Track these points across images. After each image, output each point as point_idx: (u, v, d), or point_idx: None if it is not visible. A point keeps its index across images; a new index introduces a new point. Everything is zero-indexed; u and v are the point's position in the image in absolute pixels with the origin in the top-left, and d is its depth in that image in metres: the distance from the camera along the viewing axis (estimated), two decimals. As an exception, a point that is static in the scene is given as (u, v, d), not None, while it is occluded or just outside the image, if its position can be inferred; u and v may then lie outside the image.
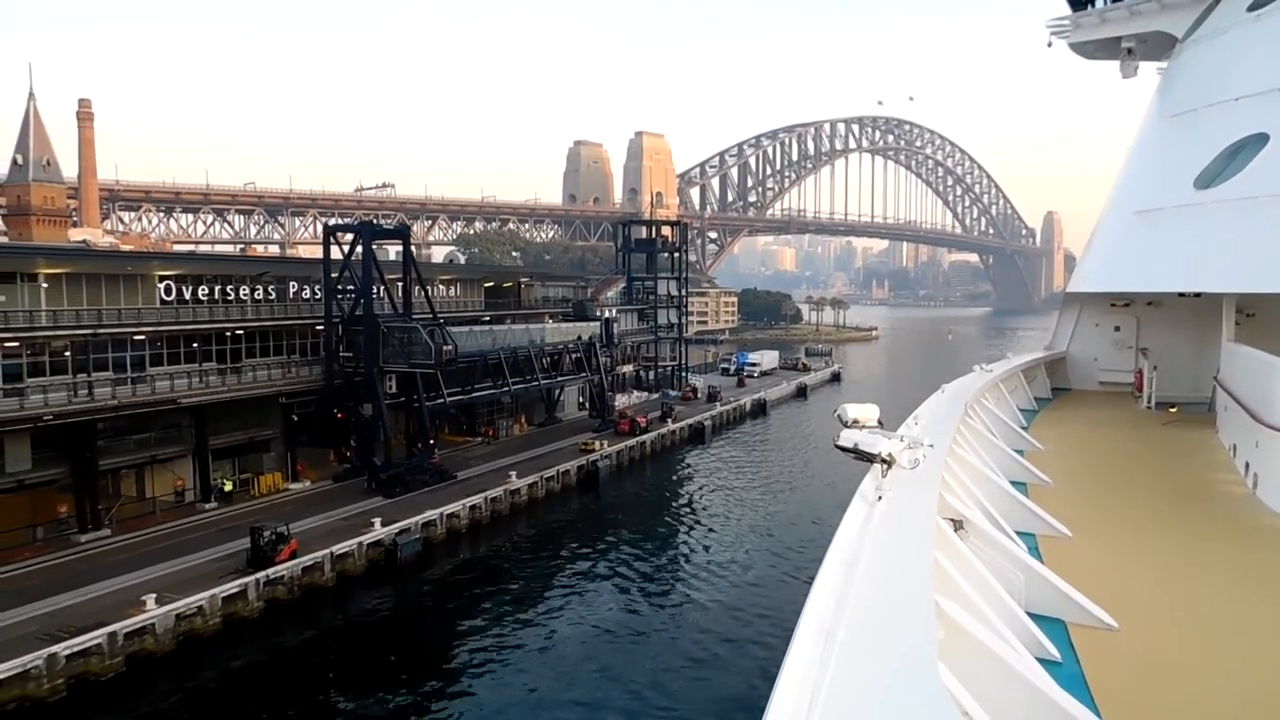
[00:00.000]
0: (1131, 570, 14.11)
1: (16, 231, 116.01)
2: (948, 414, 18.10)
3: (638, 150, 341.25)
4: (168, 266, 60.38)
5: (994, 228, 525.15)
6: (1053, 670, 8.97)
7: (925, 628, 6.72)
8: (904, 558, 8.44)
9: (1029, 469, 19.23)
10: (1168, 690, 9.85)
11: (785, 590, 48.69)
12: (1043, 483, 18.65)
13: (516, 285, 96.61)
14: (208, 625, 41.80)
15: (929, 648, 6.33)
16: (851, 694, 5.85)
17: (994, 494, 15.08)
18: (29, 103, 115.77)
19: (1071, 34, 36.82)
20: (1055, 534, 14.88)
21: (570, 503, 69.39)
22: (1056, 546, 14.40)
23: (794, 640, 6.60)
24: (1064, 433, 26.58)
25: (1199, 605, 12.58)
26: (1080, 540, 14.83)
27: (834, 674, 6.00)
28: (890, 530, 9.09)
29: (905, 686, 6.03)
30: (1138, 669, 10.29)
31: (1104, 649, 10.40)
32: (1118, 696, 9.26)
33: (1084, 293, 33.97)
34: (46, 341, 49.89)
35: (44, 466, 50.00)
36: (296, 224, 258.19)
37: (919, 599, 7.32)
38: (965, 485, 13.83)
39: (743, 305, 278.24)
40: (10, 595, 41.42)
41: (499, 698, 37.94)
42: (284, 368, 63.33)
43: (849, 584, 7.54)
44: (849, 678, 5.99)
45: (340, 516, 55.61)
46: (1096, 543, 15.15)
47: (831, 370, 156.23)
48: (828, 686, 5.87)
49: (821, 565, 8.16)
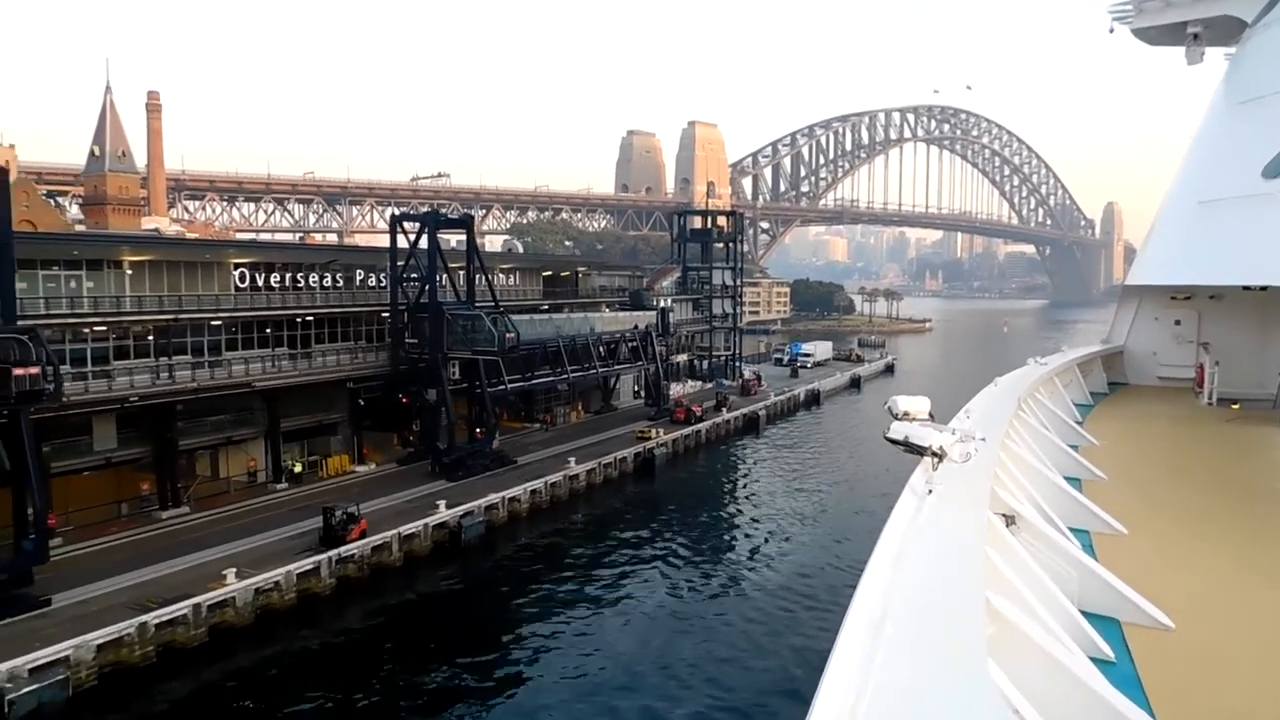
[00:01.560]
0: (1189, 569, 13.71)
1: (93, 220, 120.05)
2: (1000, 408, 17.79)
3: (690, 140, 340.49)
4: (242, 254, 62.37)
5: (1051, 219, 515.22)
6: (1106, 670, 8.79)
7: (975, 623, 6.70)
8: (954, 552, 8.36)
9: (1084, 464, 18.78)
10: (1225, 693, 9.58)
11: (833, 582, 48.94)
12: (1098, 478, 18.23)
13: (574, 274, 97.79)
14: (283, 600, 43.47)
15: (978, 644, 6.32)
16: (899, 688, 5.85)
17: (1047, 489, 14.85)
18: (105, 96, 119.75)
19: (1135, 19, 35.93)
20: (1110, 531, 14.53)
21: (627, 489, 70.42)
22: (1111, 544, 14.04)
23: (841, 632, 6.62)
24: (1120, 428, 25.99)
25: (1259, 606, 12.17)
26: (1136, 538, 14.46)
27: (881, 667, 6.01)
28: (940, 524, 9.03)
29: (954, 682, 6.03)
30: (1194, 670, 10.04)
31: (1159, 649, 10.14)
32: (1173, 698, 9.04)
33: (1143, 285, 33.16)
34: (131, 326, 52.01)
35: (128, 446, 52.23)
36: (354, 213, 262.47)
37: (969, 594, 7.27)
38: (1018, 480, 13.64)
39: (795, 296, 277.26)
40: (101, 567, 43.53)
41: (556, 676, 38.96)
42: (351, 353, 65.14)
43: (897, 577, 7.53)
44: (897, 671, 6.00)
45: (405, 499, 57.19)
46: (1153, 540, 14.79)
47: (885, 362, 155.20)
48: (875, 680, 5.88)
49: (870, 558, 8.17)
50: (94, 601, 39.41)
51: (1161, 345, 35.62)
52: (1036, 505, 13.09)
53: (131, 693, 35.69)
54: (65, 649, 34.47)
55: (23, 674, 32.60)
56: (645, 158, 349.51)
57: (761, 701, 36.62)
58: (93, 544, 47.25)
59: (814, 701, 5.72)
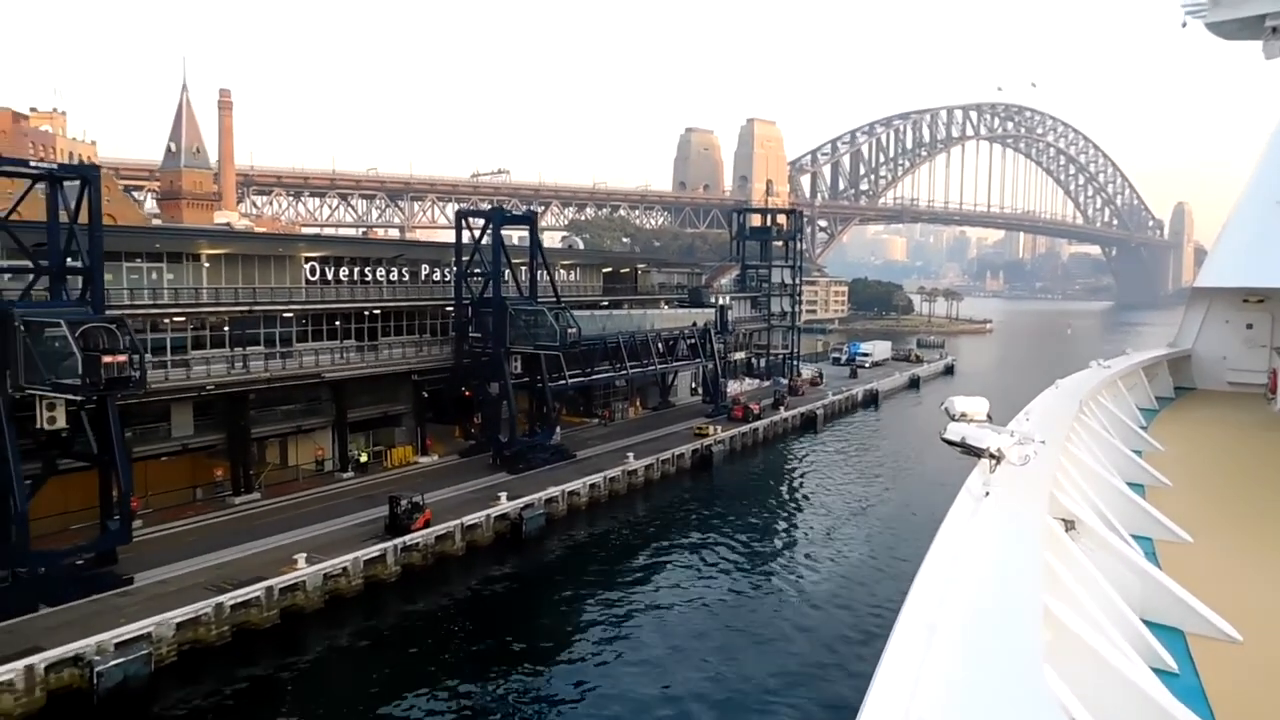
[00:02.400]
0: (1256, 579, 13.28)
1: (169, 214, 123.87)
2: (1061, 410, 17.62)
3: (748, 137, 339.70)
4: (312, 248, 64.04)
5: (1118, 219, 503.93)
6: (1169, 681, 8.54)
7: (1032, 629, 6.59)
8: (1011, 556, 8.22)
9: (1147, 470, 18.39)
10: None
11: (887, 582, 48.72)
12: (1162, 485, 17.83)
13: (633, 271, 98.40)
14: (350, 586, 44.63)
15: (1035, 650, 6.23)
16: (951, 691, 5.80)
17: (1109, 495, 14.54)
18: (182, 95, 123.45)
19: (1209, 13, 34.79)
20: (1174, 539, 14.20)
21: (684, 485, 70.78)
22: (1175, 552, 13.74)
23: (894, 633, 6.56)
24: (1187, 433, 25.39)
25: None
26: (1201, 546, 14.09)
27: (934, 670, 5.96)
28: (997, 527, 8.88)
29: (1008, 687, 5.94)
30: (1261, 683, 9.71)
31: (1225, 661, 9.85)
32: (1239, 712, 8.75)
33: (1214, 287, 32.53)
34: (208, 317, 53.73)
35: (204, 433, 54.00)
36: (415, 208, 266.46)
37: (1026, 599, 7.15)
38: (1078, 484, 13.40)
39: (852, 295, 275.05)
40: (178, 549, 45.16)
41: (611, 668, 39.38)
42: (416, 346, 66.50)
43: (952, 580, 7.45)
44: (949, 674, 5.94)
45: (468, 490, 58.23)
46: (1219, 549, 14.38)
47: (945, 362, 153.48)
48: (927, 682, 5.84)
49: (925, 559, 8.08)
50: (172, 581, 40.93)
51: (1232, 349, 34.78)
52: (1097, 511, 12.90)
53: (208, 670, 37.03)
54: (148, 626, 35.93)
55: (109, 648, 34.07)
56: (703, 155, 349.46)
57: (813, 696, 36.64)
58: (170, 527, 48.99)
59: (865, 700, 5.68)
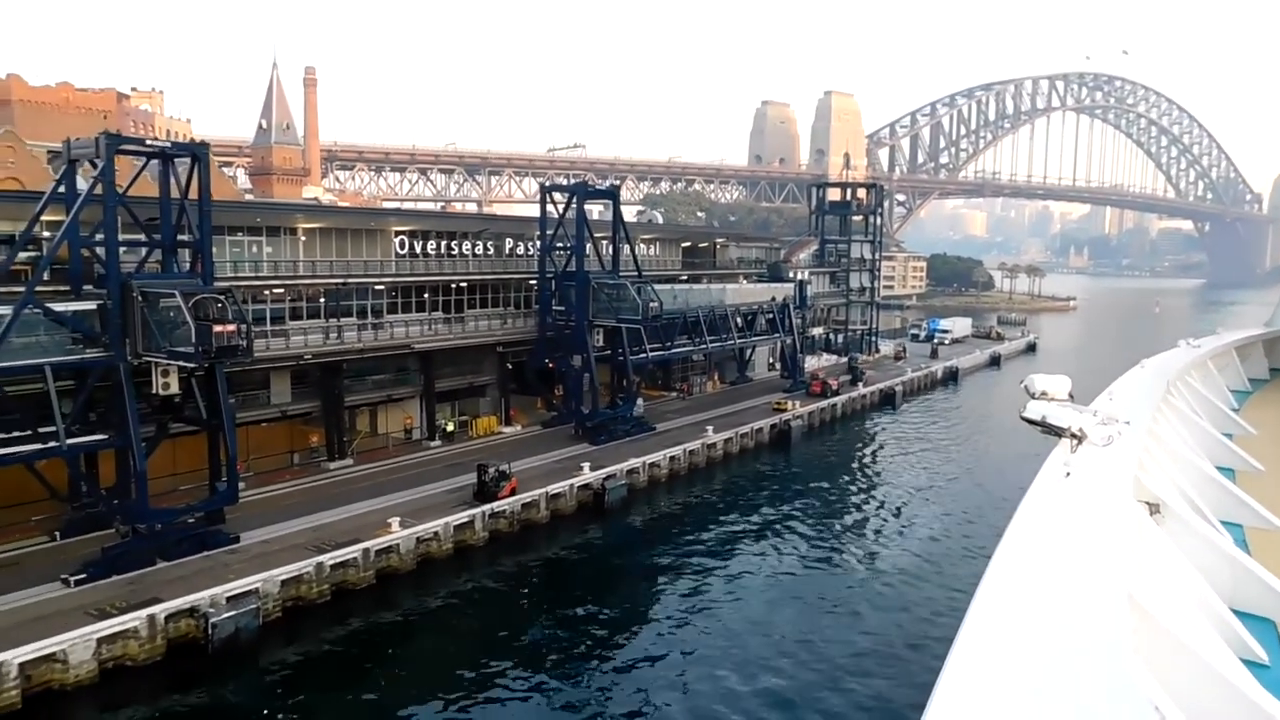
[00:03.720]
0: None
1: (260, 189, 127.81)
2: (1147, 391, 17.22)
3: (826, 110, 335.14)
4: (402, 222, 65.61)
5: (1212, 192, 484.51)
6: (1259, 673, 8.17)
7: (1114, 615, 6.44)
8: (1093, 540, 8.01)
9: (1238, 454, 17.81)
10: None
11: (963, 561, 48.58)
12: (1254, 469, 17.26)
13: (712, 246, 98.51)
14: (441, 550, 46.21)
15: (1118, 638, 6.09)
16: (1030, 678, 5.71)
17: (1197, 478, 14.11)
18: (272, 72, 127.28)
19: None
20: (1266, 525, 13.66)
21: (762, 459, 71.13)
22: (1268, 539, 13.29)
23: (968, 616, 6.49)
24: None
25: None
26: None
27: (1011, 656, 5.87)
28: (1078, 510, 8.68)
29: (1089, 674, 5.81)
30: None
31: None
32: None
33: None
34: (305, 289, 55.67)
35: (300, 401, 56.17)
36: (493, 182, 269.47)
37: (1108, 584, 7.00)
38: (1164, 467, 13.04)
39: (931, 270, 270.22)
40: (280, 510, 47.27)
41: (686, 634, 40.15)
42: (501, 319, 67.85)
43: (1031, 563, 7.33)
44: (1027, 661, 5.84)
45: (551, 460, 59.46)
46: None
47: (1027, 340, 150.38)
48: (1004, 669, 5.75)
49: (1002, 540, 7.97)
50: (275, 541, 42.93)
51: None
52: (1184, 495, 12.53)
53: (310, 626, 38.91)
54: (255, 582, 37.88)
55: (221, 601, 36.02)
56: (779, 129, 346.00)
57: (884, 674, 36.58)
58: (269, 489, 51.20)
59: (936, 688, 5.61)
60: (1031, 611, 6.38)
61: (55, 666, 32.00)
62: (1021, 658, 5.83)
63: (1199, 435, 17.65)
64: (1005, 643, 6.00)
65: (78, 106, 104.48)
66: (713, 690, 34.58)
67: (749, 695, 34.39)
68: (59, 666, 32.04)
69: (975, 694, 5.51)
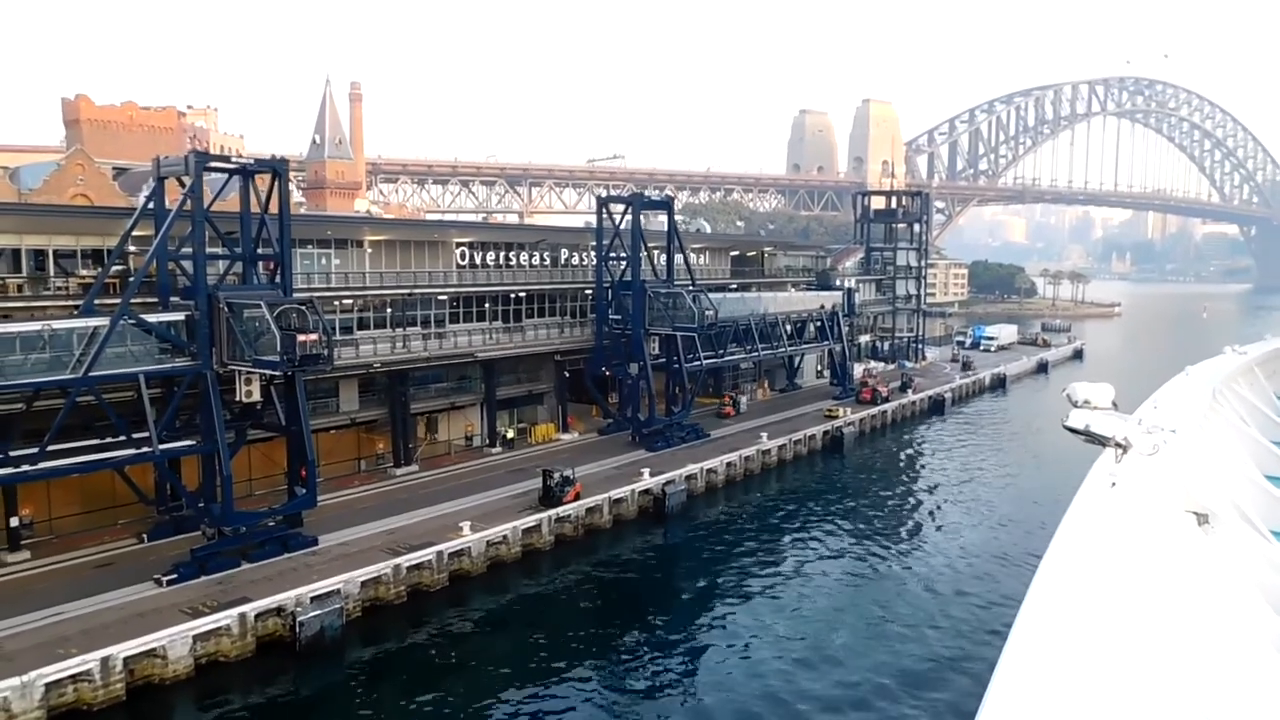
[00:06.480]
0: None
1: (314, 203, 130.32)
2: (1193, 398, 16.84)
3: (864, 118, 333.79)
4: (463, 234, 67.13)
5: (1259, 195, 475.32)
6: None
7: (1165, 630, 6.31)
8: (1140, 551, 7.84)
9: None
10: None
11: (1010, 570, 48.23)
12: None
13: (760, 254, 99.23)
14: (510, 553, 47.25)
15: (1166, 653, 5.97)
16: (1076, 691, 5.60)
17: (1247, 488, 13.78)
18: (325, 89, 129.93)
19: None
20: None
21: (815, 466, 71.62)
22: None
23: (1014, 631, 6.37)
24: None
25: None
26: None
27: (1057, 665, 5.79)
28: (1124, 520, 8.48)
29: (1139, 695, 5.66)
30: None
31: None
32: None
33: None
34: (372, 299, 57.14)
35: (367, 408, 57.62)
36: (534, 193, 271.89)
37: (1155, 597, 6.84)
38: (1212, 476, 12.58)
39: (973, 277, 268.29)
40: (353, 514, 48.63)
41: (746, 635, 40.76)
42: (559, 328, 68.99)
43: (1077, 576, 7.15)
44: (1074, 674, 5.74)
45: (610, 466, 60.40)
46: None
47: (1073, 346, 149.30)
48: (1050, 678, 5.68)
49: (1047, 553, 7.85)
50: (353, 544, 44.21)
51: None
52: (1234, 504, 12.11)
53: (389, 625, 40.06)
54: (337, 583, 39.12)
55: (307, 601, 37.27)
56: (817, 137, 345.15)
57: (935, 683, 36.46)
58: (340, 495, 52.56)
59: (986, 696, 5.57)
60: (1079, 627, 6.24)
61: (156, 661, 33.38)
62: (1068, 673, 5.74)
63: (1247, 443, 17.43)
64: (1052, 658, 5.92)
65: (141, 125, 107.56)
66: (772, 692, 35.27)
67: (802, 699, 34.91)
68: (159, 661, 33.42)
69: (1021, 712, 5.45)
